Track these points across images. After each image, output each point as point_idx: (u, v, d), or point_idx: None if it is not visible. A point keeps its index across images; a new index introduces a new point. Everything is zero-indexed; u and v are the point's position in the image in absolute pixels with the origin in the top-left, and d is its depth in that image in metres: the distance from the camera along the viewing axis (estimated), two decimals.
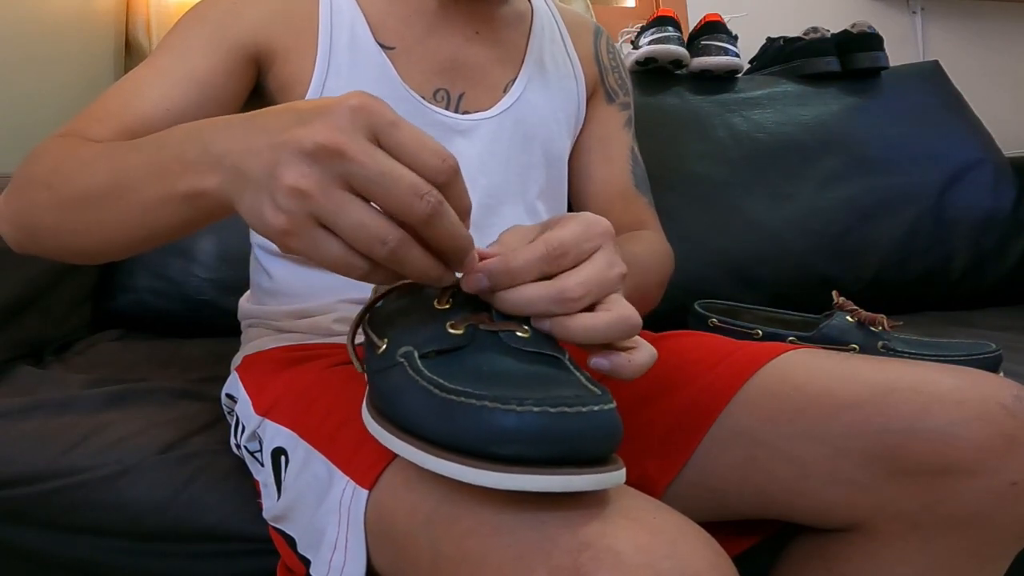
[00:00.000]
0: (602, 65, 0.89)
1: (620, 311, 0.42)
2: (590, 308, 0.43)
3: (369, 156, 0.36)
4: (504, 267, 0.42)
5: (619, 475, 0.37)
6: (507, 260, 0.42)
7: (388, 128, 0.38)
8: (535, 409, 0.36)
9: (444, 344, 0.42)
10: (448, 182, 0.39)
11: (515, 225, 0.47)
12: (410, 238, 0.38)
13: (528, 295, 0.42)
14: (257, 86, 0.74)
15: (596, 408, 0.37)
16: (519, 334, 0.43)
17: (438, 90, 0.76)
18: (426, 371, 0.40)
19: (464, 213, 0.41)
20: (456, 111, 0.76)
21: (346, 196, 0.37)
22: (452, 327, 0.43)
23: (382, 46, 0.74)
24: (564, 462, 0.36)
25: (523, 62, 0.81)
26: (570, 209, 0.87)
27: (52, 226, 0.55)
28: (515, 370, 0.41)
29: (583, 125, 0.87)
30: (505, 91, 0.79)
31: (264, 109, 0.43)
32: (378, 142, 0.38)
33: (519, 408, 0.36)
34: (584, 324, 0.42)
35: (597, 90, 0.88)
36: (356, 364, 0.48)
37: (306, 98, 0.71)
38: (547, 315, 0.42)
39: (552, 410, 0.36)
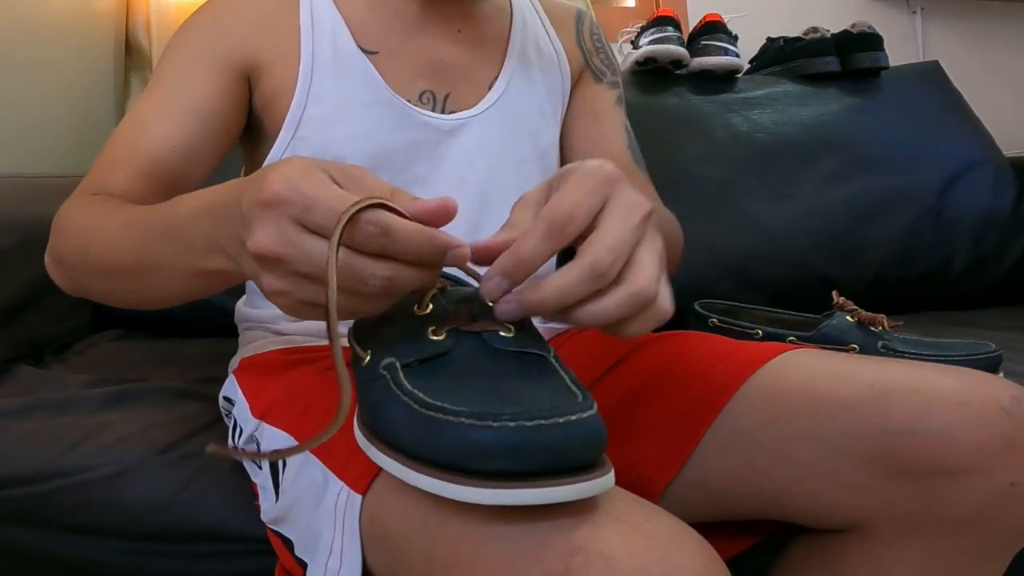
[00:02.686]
0: (585, 48, 0.88)
1: (630, 286, 0.40)
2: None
3: (299, 252, 0.38)
4: (513, 259, 0.41)
5: (604, 481, 0.37)
6: (515, 252, 0.41)
7: (304, 215, 0.38)
8: (511, 424, 0.35)
9: (425, 353, 0.42)
10: (380, 247, 0.38)
11: (522, 196, 0.46)
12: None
13: (559, 286, 0.40)
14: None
15: (574, 418, 0.36)
16: (502, 334, 0.43)
17: (424, 92, 0.76)
18: (407, 384, 0.40)
19: (425, 249, 0.39)
20: (443, 112, 0.76)
21: (303, 283, 0.39)
22: (433, 333, 0.42)
23: (365, 51, 0.74)
24: (547, 473, 0.36)
25: (506, 56, 0.81)
26: None
27: (100, 291, 0.61)
28: (497, 376, 0.41)
29: (574, 105, 0.86)
30: (490, 88, 0.79)
31: (224, 191, 0.45)
32: (306, 227, 0.38)
33: (495, 424, 0.36)
34: (593, 312, 0.40)
35: (584, 73, 0.87)
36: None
37: (291, 107, 0.71)
38: (587, 296, 0.40)
39: (528, 424, 0.35)
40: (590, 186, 0.42)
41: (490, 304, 0.44)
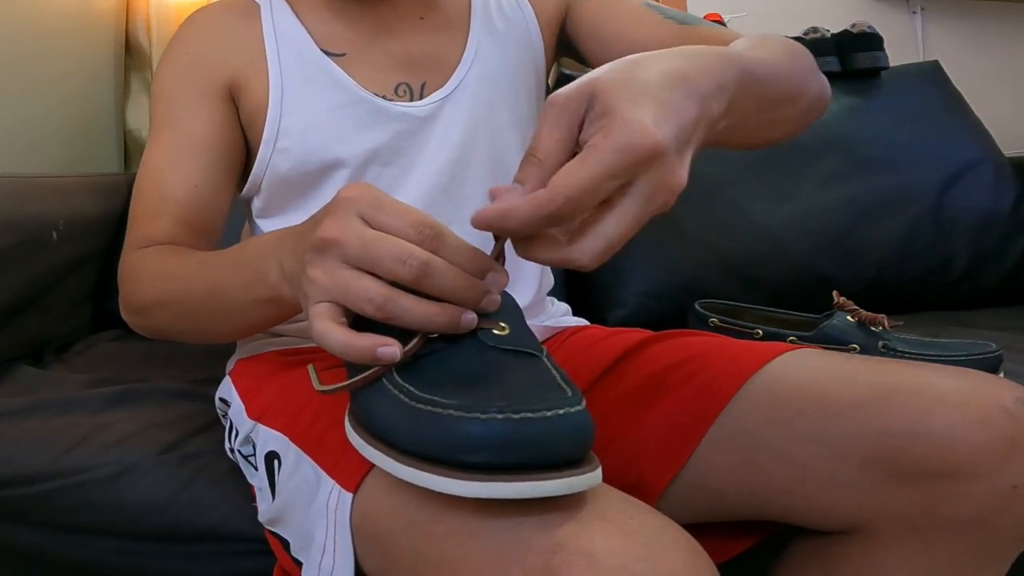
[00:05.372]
0: None
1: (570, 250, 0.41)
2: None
3: (356, 236, 0.41)
4: (500, 219, 0.39)
5: (591, 477, 0.37)
6: (504, 214, 0.39)
7: (372, 211, 0.42)
8: (499, 416, 0.36)
9: (420, 349, 0.42)
10: (432, 249, 0.41)
11: (555, 101, 0.41)
12: (398, 293, 0.41)
13: (525, 216, 0.39)
14: None
15: (562, 412, 0.37)
16: (495, 332, 0.43)
17: (399, 84, 0.76)
18: (398, 378, 0.41)
19: (469, 263, 0.42)
20: (421, 101, 0.76)
21: (343, 271, 0.42)
22: None
23: (330, 54, 0.75)
24: (534, 467, 0.36)
25: (469, 29, 0.80)
26: None
27: (178, 332, 0.67)
28: (489, 372, 0.41)
29: (583, 24, 0.81)
30: (457, 64, 0.78)
31: (302, 222, 0.49)
32: (370, 224, 0.42)
33: (483, 416, 0.36)
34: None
35: (569, 4, 0.82)
36: None
37: (267, 121, 0.73)
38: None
39: (515, 417, 0.36)
40: (619, 167, 0.38)
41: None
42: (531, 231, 0.41)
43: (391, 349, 0.41)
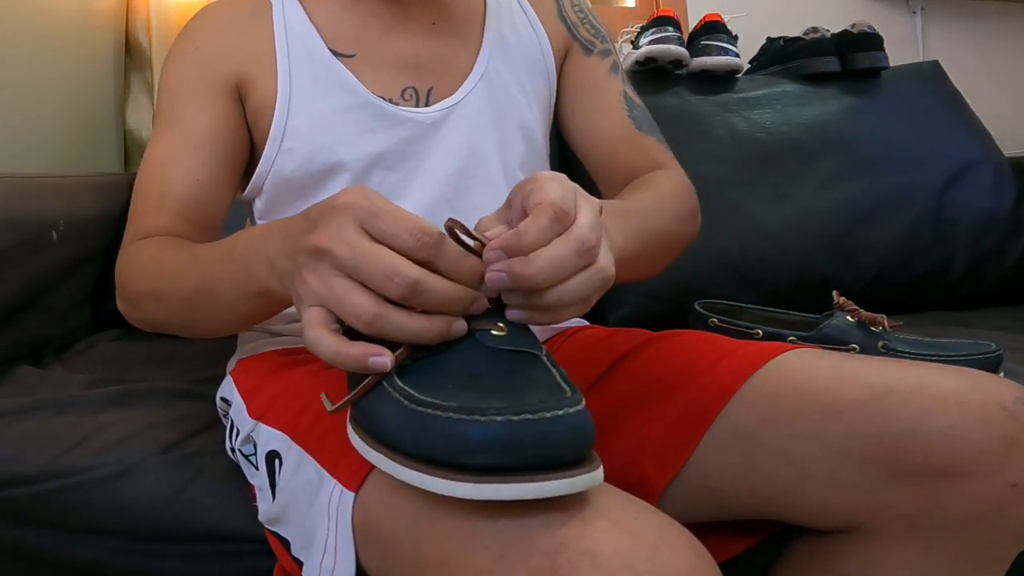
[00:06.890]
0: (568, 21, 0.86)
1: (598, 267, 0.45)
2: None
3: (349, 247, 0.41)
4: (519, 239, 0.42)
5: (593, 476, 0.37)
6: (519, 234, 0.43)
7: (370, 219, 0.42)
8: (499, 418, 0.36)
9: (417, 352, 0.42)
10: (430, 257, 0.41)
11: (480, 219, 0.49)
12: (387, 309, 0.41)
13: (551, 258, 0.42)
14: None
15: (561, 412, 0.37)
16: (494, 332, 0.43)
17: (406, 88, 0.76)
18: (398, 381, 0.41)
19: (466, 272, 0.43)
20: (427, 106, 0.76)
21: (337, 280, 0.42)
22: None
23: (340, 55, 0.75)
24: (535, 467, 0.36)
25: (482, 41, 0.80)
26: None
27: (172, 326, 0.66)
28: (488, 373, 0.41)
29: (567, 82, 0.85)
30: (468, 73, 0.78)
31: (292, 216, 0.49)
32: (367, 232, 0.42)
33: (483, 418, 0.36)
34: (563, 291, 0.43)
35: (571, 47, 0.85)
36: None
37: (273, 121, 0.73)
38: (574, 272, 0.43)
39: (515, 418, 0.36)
40: (563, 187, 0.46)
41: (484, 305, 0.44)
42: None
43: (382, 359, 0.41)
